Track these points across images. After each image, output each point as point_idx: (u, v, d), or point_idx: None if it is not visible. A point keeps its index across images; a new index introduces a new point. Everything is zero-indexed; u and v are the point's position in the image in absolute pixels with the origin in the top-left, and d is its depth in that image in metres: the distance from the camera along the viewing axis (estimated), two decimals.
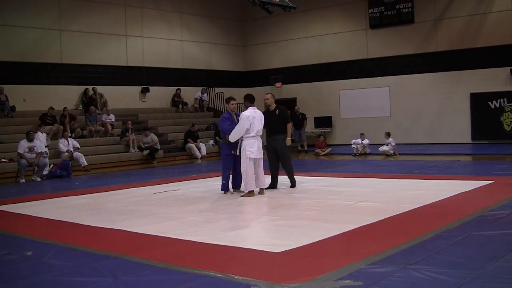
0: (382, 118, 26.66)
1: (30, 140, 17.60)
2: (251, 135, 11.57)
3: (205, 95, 28.80)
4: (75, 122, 22.33)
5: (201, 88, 28.87)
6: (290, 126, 12.73)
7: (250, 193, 11.54)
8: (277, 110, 12.73)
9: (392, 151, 21.29)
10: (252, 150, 11.51)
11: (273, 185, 12.69)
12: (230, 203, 11.02)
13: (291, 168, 12.86)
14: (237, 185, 12.33)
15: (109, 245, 7.74)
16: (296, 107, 26.38)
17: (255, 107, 11.99)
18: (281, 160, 12.70)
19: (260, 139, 11.81)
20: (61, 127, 21.27)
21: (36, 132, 18.51)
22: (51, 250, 7.40)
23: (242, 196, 11.56)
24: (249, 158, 11.49)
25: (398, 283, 5.39)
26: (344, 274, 5.65)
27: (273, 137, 12.61)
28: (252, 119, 11.61)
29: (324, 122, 28.29)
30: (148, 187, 14.15)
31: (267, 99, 12.88)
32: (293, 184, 12.76)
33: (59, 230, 9.10)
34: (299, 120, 25.49)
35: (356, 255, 6.42)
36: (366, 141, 22.40)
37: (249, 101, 12.06)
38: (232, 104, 12.45)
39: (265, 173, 12.15)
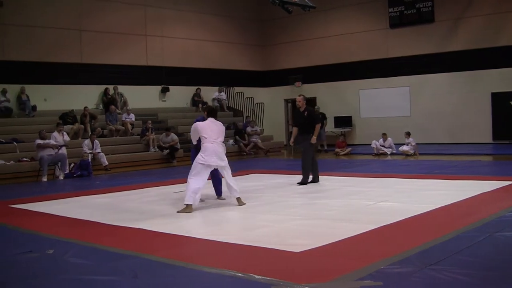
0: (402, 117, 26.53)
1: (43, 139, 18.04)
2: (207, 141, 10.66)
3: (223, 94, 28.76)
4: (96, 121, 22.44)
5: (219, 87, 28.89)
6: (318, 127, 13.44)
7: (187, 207, 10.20)
8: (306, 112, 13.55)
9: (412, 151, 21.20)
10: (204, 155, 10.48)
11: (305, 181, 13.38)
12: (250, 202, 11.01)
13: (308, 166, 13.39)
14: (219, 192, 11.76)
15: (130, 244, 7.78)
16: (316, 107, 26.34)
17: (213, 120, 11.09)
18: (301, 156, 13.49)
19: (221, 146, 10.71)
20: (82, 126, 21.40)
21: (54, 132, 18.73)
22: (72, 249, 7.45)
23: (178, 211, 10.24)
24: (198, 163, 10.56)
25: (418, 283, 5.37)
26: (364, 274, 5.64)
27: (301, 136, 13.51)
28: (203, 127, 10.78)
29: (344, 121, 28.21)
30: (168, 187, 14.18)
31: (299, 101, 13.71)
32: (303, 182, 13.31)
33: (80, 229, 9.15)
34: (320, 118, 25.41)
35: (376, 255, 6.40)
36: (389, 141, 22.26)
37: (209, 114, 11.27)
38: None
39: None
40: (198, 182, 10.34)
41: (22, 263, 6.93)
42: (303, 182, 13.30)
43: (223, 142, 10.85)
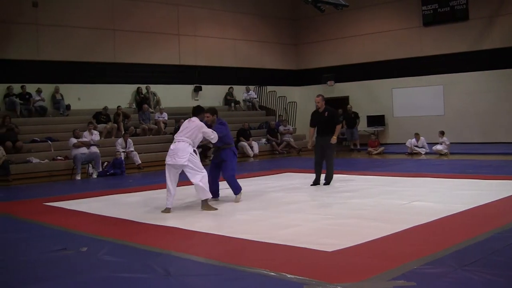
0: (435, 117, 26.29)
1: (77, 137, 18.33)
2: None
3: (251, 92, 28.72)
4: (129, 120, 22.58)
5: (252, 87, 28.93)
6: (339, 128, 13.22)
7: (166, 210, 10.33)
8: (326, 112, 13.24)
9: (446, 150, 21.03)
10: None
11: (316, 181, 13.25)
12: (282, 201, 11.01)
13: (332, 167, 13.29)
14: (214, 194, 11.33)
15: (162, 242, 7.82)
16: (349, 106, 26.24)
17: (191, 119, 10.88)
18: (325, 158, 13.20)
19: (183, 144, 10.36)
20: (115, 125, 21.56)
21: (85, 131, 18.94)
22: (105, 247, 7.51)
23: (162, 211, 10.33)
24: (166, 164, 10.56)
25: (452, 284, 5.33)
26: (397, 274, 5.61)
27: (321, 137, 13.16)
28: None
29: (377, 120, 28.06)
30: None
31: (317, 102, 13.39)
32: (328, 182, 13.20)
33: (113, 227, 9.23)
34: (352, 119, 25.38)
35: (409, 255, 6.37)
36: (422, 140, 22.08)
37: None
38: (207, 117, 11.36)
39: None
40: (167, 184, 10.43)
41: (56, 261, 7.00)
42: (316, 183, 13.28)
43: (189, 138, 10.39)
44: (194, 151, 10.36)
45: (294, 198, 11.38)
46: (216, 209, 10.32)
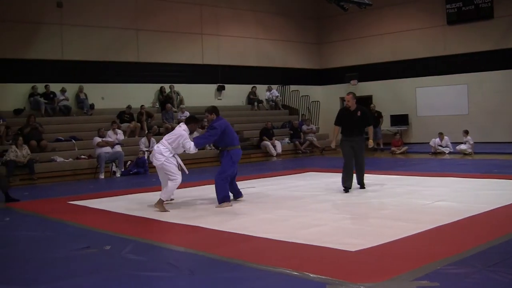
0: (459, 116, 26.11)
1: (101, 137, 18.45)
2: None
3: (274, 91, 28.71)
4: (152, 119, 22.66)
5: (275, 86, 28.94)
6: (371, 130, 12.49)
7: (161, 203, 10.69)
8: (359, 112, 12.10)
9: (470, 150, 20.89)
10: None
11: (349, 187, 12.10)
12: (305, 201, 11.00)
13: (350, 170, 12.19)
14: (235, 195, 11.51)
15: (185, 241, 7.85)
16: (372, 105, 26.13)
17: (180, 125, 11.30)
18: (358, 160, 12.14)
19: (162, 146, 10.92)
20: (139, 124, 21.66)
21: (109, 130, 19.07)
22: (128, 245, 7.56)
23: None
24: None
25: (476, 285, 5.30)
26: (420, 275, 5.59)
27: (351, 138, 12.03)
28: None
29: (400, 120, 27.94)
30: None
31: (348, 101, 12.20)
32: (363, 185, 12.36)
33: (137, 226, 9.28)
34: (375, 119, 25.27)
35: (433, 255, 6.34)
36: (446, 140, 21.95)
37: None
38: (207, 116, 11.52)
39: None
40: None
41: (80, 259, 7.06)
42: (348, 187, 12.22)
43: (168, 143, 10.83)
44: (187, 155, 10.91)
45: (317, 198, 11.36)
46: (168, 211, 10.45)
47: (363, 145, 12.16)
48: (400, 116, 27.95)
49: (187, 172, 11.07)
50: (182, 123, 11.15)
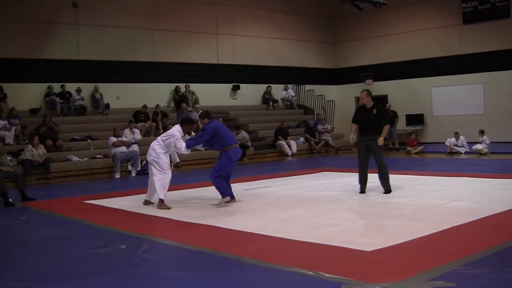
0: (475, 116, 25.96)
1: (117, 136, 18.54)
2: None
3: (290, 91, 28.71)
4: (167, 119, 22.71)
5: (290, 86, 28.92)
6: (387, 128, 11.71)
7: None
8: (375, 109, 11.66)
9: (486, 150, 20.77)
10: None
11: (363, 189, 11.82)
12: (320, 201, 10.99)
13: (387, 169, 11.78)
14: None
15: (200, 240, 7.85)
16: (388, 105, 26.01)
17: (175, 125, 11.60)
18: (377, 162, 11.75)
19: (152, 142, 11.49)
20: (154, 124, 21.72)
21: (124, 129, 19.15)
22: (144, 244, 7.58)
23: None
24: None
25: (492, 285, 5.27)
26: (436, 275, 5.57)
27: (367, 137, 11.65)
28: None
29: (416, 119, 27.83)
30: (238, 184, 14.20)
31: (362, 98, 11.80)
32: (388, 190, 11.66)
33: (152, 225, 9.32)
34: (390, 118, 25.14)
35: (449, 255, 6.31)
36: (461, 140, 21.83)
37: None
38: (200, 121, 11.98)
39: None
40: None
41: (96, 258, 7.09)
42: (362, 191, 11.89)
43: (162, 141, 11.21)
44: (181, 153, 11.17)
45: (333, 198, 11.33)
46: (169, 208, 10.67)
47: (378, 145, 11.59)
48: (415, 116, 27.85)
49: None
50: (177, 125, 11.47)
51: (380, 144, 11.59)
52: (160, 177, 10.90)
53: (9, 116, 19.33)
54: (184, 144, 10.98)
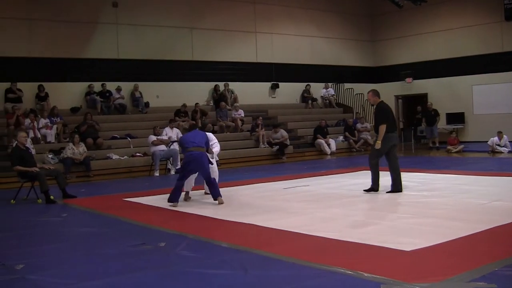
0: None
1: (156, 135, 18.64)
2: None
3: (330, 89, 28.64)
4: (206, 117, 22.79)
5: (330, 84, 28.82)
6: (382, 129, 11.46)
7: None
8: (376, 109, 11.99)
9: None
10: None
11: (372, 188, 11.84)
12: (359, 200, 10.94)
13: (373, 170, 11.81)
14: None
15: (239, 238, 7.86)
16: (429, 103, 25.70)
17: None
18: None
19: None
20: (193, 122, 21.79)
21: (164, 128, 19.28)
22: (183, 242, 7.61)
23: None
24: None
25: None
26: (477, 276, 5.50)
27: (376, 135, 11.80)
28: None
29: (456, 118, 27.50)
30: (277, 182, 14.25)
31: (369, 98, 12.44)
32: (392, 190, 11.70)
33: (191, 223, 9.35)
34: (432, 117, 24.90)
35: (490, 256, 6.23)
36: (505, 139, 21.53)
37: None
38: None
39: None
40: None
41: (135, 255, 7.13)
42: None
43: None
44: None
45: (372, 197, 11.28)
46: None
47: (379, 147, 11.54)
48: (456, 114, 27.51)
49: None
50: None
51: (376, 148, 11.55)
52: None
53: (51, 115, 19.59)
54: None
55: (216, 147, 12.21)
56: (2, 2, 20.34)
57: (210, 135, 12.26)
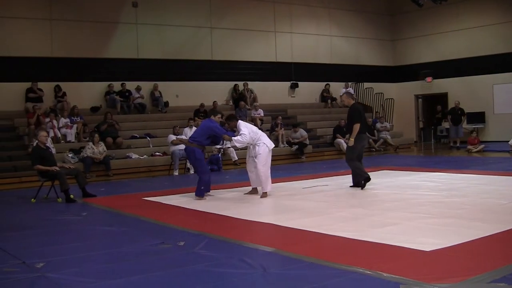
0: None
1: (176, 134, 18.71)
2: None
3: (350, 89, 28.53)
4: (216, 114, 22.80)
5: (350, 83, 28.75)
6: (356, 127, 12.21)
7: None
8: (349, 110, 12.59)
9: None
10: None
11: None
12: (379, 199, 10.90)
13: (354, 167, 12.56)
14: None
15: (258, 238, 7.88)
16: (456, 102, 25.37)
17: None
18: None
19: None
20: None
21: (185, 128, 19.30)
22: (202, 241, 7.61)
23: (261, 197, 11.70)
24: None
25: None
26: (498, 277, 5.46)
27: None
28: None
29: (477, 117, 27.32)
30: (297, 182, 14.25)
31: (343, 100, 13.49)
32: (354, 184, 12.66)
33: (210, 222, 9.36)
34: (458, 116, 24.68)
35: (511, 257, 6.18)
36: None
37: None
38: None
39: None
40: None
41: (154, 254, 7.15)
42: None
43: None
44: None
45: (391, 196, 11.23)
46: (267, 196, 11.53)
47: (352, 144, 12.40)
48: (476, 114, 27.33)
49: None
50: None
51: (350, 145, 12.37)
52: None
53: (71, 114, 19.71)
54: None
55: (239, 138, 11.91)
56: (24, 3, 20.55)
57: (240, 123, 12.21)
